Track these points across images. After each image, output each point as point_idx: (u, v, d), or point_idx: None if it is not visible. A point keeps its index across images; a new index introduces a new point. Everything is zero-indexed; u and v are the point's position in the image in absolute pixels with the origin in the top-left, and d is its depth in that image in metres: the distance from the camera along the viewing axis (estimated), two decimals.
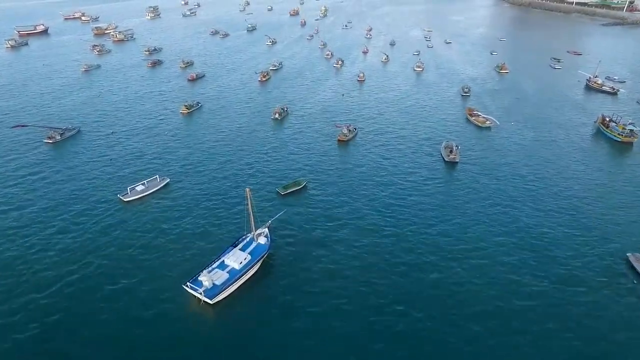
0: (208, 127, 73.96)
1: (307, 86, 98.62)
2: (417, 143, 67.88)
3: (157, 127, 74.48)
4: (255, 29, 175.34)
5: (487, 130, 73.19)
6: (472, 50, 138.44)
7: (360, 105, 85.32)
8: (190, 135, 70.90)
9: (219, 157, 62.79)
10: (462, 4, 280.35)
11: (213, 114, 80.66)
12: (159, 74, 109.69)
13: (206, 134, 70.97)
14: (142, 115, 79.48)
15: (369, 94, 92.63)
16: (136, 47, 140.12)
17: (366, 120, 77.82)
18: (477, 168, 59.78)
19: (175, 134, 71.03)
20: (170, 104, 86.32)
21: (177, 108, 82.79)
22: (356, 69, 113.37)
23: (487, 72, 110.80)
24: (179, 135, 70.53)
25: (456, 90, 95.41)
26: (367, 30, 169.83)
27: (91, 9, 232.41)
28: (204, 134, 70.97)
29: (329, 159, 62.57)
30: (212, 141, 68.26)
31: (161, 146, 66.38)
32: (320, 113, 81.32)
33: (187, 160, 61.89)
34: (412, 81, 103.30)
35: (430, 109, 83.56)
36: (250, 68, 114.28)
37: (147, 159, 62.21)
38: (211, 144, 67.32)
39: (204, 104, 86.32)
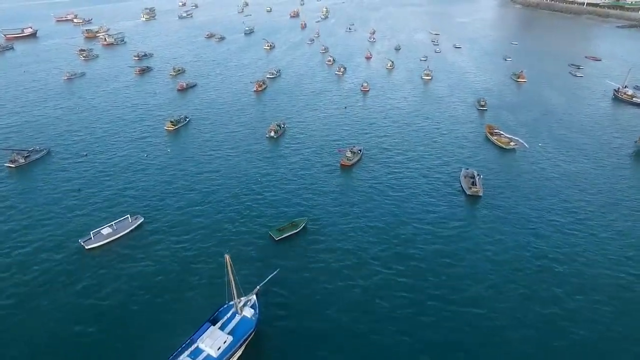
0: (194, 149, 64.60)
1: (307, 97, 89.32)
2: (432, 169, 58.61)
3: (137, 147, 65.26)
4: (253, 31, 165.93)
5: (511, 153, 63.86)
6: (484, 56, 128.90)
7: (364, 121, 76.00)
8: (172, 158, 61.61)
9: (204, 188, 53.46)
10: (467, 5, 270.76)
11: (201, 131, 71.42)
12: (147, 82, 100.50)
13: (191, 158, 61.56)
14: (121, 133, 70.24)
15: (373, 107, 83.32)
16: (126, 52, 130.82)
17: (372, 139, 68.56)
18: (505, 204, 50.34)
19: (156, 157, 61.77)
20: (155, 118, 77.12)
21: (162, 123, 73.71)
22: (359, 77, 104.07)
23: (502, 82, 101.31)
24: (160, 159, 61.22)
25: (470, 103, 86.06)
26: (371, 34, 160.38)
27: (84, 10, 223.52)
28: (188, 158, 61.55)
29: (331, 190, 53.31)
30: (197, 167, 58.92)
31: (138, 173, 57.11)
32: (321, 129, 72.07)
33: (166, 192, 52.58)
34: (421, 92, 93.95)
35: (443, 125, 74.20)
36: (245, 76, 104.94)
37: (120, 190, 52.94)
38: (196, 171, 57.93)
39: (192, 118, 77.09)
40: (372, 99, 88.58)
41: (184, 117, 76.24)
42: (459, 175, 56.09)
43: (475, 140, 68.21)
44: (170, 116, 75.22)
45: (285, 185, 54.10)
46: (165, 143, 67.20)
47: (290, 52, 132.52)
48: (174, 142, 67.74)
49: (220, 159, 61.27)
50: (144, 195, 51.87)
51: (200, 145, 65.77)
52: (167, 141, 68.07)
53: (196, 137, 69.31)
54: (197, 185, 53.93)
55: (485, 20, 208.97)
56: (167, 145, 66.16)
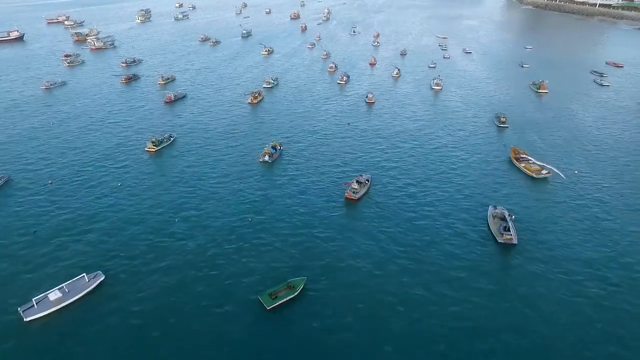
0: (174, 179, 55.10)
1: (306, 111, 79.95)
2: (452, 205, 49.24)
3: (111, 174, 56.09)
4: (250, 34, 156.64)
5: (543, 183, 54.50)
6: (497, 62, 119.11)
7: (370, 140, 66.58)
8: (147, 191, 52.08)
9: (178, 235, 44.03)
10: (472, 6, 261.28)
11: (186, 154, 62.17)
12: (132, 93, 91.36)
13: (170, 191, 52.05)
14: (95, 157, 60.96)
15: (380, 124, 73.93)
16: (115, 57, 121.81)
17: (379, 163, 59.29)
18: (544, 256, 41.13)
19: (130, 191, 52.45)
20: (136, 137, 67.93)
21: (143, 144, 64.57)
22: (364, 87, 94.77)
23: (522, 93, 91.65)
24: (133, 193, 51.70)
25: (488, 119, 76.63)
26: (374, 37, 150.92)
27: (78, 12, 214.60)
28: (167, 191, 51.94)
29: (334, 235, 43.96)
30: (176, 204, 49.47)
31: (107, 211, 47.83)
32: (321, 152, 62.63)
33: (137, 238, 43.10)
34: (432, 105, 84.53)
35: (460, 147, 64.80)
36: (240, 85, 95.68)
37: (82, 235, 43.65)
38: (172, 210, 48.31)
39: (178, 137, 67.93)
40: (378, 113, 79.22)
41: (168, 136, 67.04)
42: (485, 215, 46.89)
43: (499, 167, 58.81)
44: (152, 135, 66.10)
45: (280, 229, 44.73)
46: (144, 168, 58.00)
47: (289, 58, 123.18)
48: (153, 167, 58.52)
49: (205, 192, 51.84)
50: (108, 242, 42.64)
51: (182, 173, 56.40)
52: (146, 166, 58.87)
53: (179, 161, 60.02)
54: (173, 229, 44.67)
55: (494, 22, 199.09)
56: (146, 170, 56.96)
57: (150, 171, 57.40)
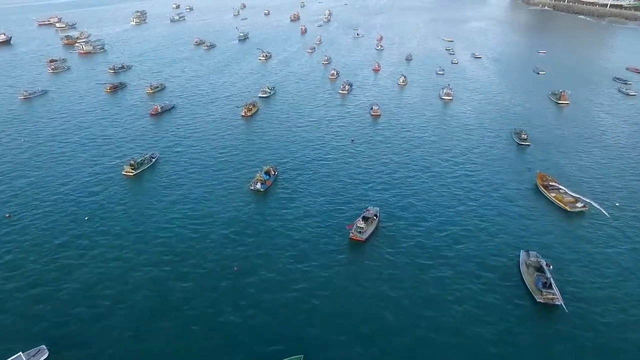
0: (151, 212, 46.91)
1: (305, 126, 71.90)
2: (474, 248, 41.09)
3: (81, 206, 48.18)
4: (247, 37, 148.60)
5: (579, 219, 46.50)
6: (510, 68, 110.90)
7: (376, 162, 58.52)
8: (116, 226, 44.16)
9: (153, 292, 35.99)
10: (476, 7, 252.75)
11: (167, 181, 54.01)
12: (117, 103, 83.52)
13: (146, 230, 43.92)
14: (65, 184, 52.95)
15: (387, 140, 65.94)
16: (104, 62, 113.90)
17: (388, 190, 51.48)
18: (597, 324, 33.03)
19: (97, 228, 44.46)
20: (115, 157, 60.07)
21: (121, 166, 56.68)
22: (368, 97, 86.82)
23: (540, 104, 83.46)
24: (100, 231, 43.38)
25: (506, 135, 68.59)
26: (378, 40, 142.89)
27: (71, 14, 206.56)
28: (142, 231, 43.76)
29: (336, 292, 35.93)
30: (150, 251, 41.12)
31: (59, 260, 39.76)
32: (321, 177, 54.73)
33: (91, 302, 35.36)
34: (442, 118, 76.50)
35: (479, 171, 56.73)
36: (234, 94, 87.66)
37: (34, 301, 35.97)
38: (143, 259, 39.97)
39: (161, 157, 60.13)
40: (385, 128, 71.22)
41: (150, 157, 59.10)
42: (517, 262, 39.07)
43: (525, 197, 50.81)
44: (131, 156, 58.18)
45: (270, 285, 36.82)
46: (118, 197, 50.16)
47: (288, 64, 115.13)
48: (129, 196, 50.64)
49: (185, 231, 43.82)
50: (57, 305, 34.75)
51: (160, 207, 48.35)
52: (122, 193, 50.97)
53: (160, 189, 52.06)
54: (141, 285, 36.88)
55: (501, 24, 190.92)
56: (120, 200, 49.20)
57: (125, 201, 49.47)
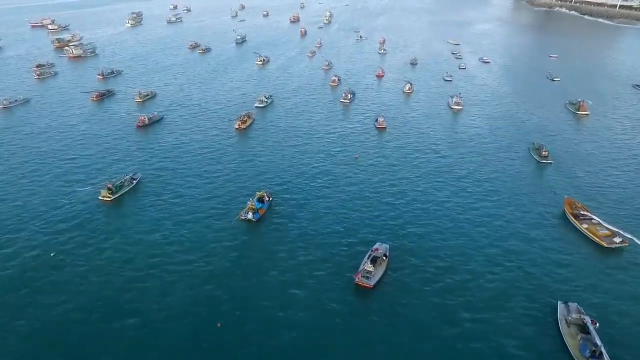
0: (125, 247, 40.34)
1: (304, 141, 65.28)
2: (501, 298, 34.58)
3: (44, 239, 41.84)
4: (245, 40, 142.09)
5: (618, 257, 39.91)
6: (522, 75, 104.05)
7: (383, 186, 51.83)
8: (82, 265, 37.82)
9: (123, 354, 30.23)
10: (479, 8, 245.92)
11: (147, 208, 47.22)
12: (102, 114, 77.13)
13: (119, 271, 37.60)
14: (32, 212, 46.74)
15: (394, 157, 59.37)
16: (93, 67, 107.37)
17: (398, 218, 45.05)
18: None
19: (68, 264, 38.49)
20: (92, 179, 53.52)
21: (99, 190, 50.20)
22: (372, 107, 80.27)
23: (558, 115, 76.60)
24: (63, 280, 37.50)
25: (524, 151, 61.96)
26: (380, 43, 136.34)
27: (66, 15, 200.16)
28: (113, 272, 37.39)
29: (341, 351, 30.13)
30: (123, 302, 34.76)
31: (17, 313, 33.79)
32: (322, 205, 48.05)
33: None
34: (453, 130, 69.85)
35: (497, 195, 49.98)
36: (228, 104, 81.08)
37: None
38: (112, 309, 33.86)
39: (143, 178, 53.76)
40: (391, 142, 64.69)
41: (130, 179, 52.62)
42: (554, 317, 32.73)
43: (552, 228, 44.21)
44: (109, 179, 51.76)
45: (260, 347, 30.72)
46: (91, 227, 43.78)
47: (286, 69, 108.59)
48: (103, 226, 44.18)
49: (162, 276, 37.24)
50: None
51: (136, 241, 41.63)
52: (96, 223, 44.52)
53: (137, 220, 45.37)
54: (99, 343, 30.65)
55: (507, 26, 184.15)
56: (92, 233, 42.84)
57: (97, 234, 42.98)
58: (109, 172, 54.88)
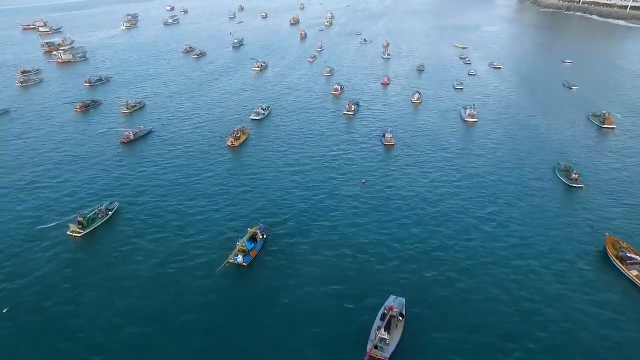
0: (93, 293, 33.94)
1: (304, 162, 58.10)
2: None
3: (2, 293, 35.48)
4: (242, 44, 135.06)
5: None
6: (536, 82, 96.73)
7: (395, 217, 45.08)
8: (35, 324, 31.49)
9: None
10: (482, 9, 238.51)
11: (121, 248, 40.59)
12: (85, 128, 70.20)
13: (80, 332, 31.20)
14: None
15: (405, 182, 52.41)
16: (81, 74, 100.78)
17: (409, 265, 38.25)
18: None
19: (20, 325, 31.72)
20: (64, 210, 46.77)
21: (69, 221, 43.51)
22: (377, 119, 73.28)
23: (581, 130, 69.01)
24: (17, 338, 30.97)
25: (549, 172, 54.82)
26: (384, 47, 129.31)
27: (59, 17, 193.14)
28: (74, 334, 31.12)
29: None
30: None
31: None
32: (325, 239, 41.60)
33: None
34: (469, 147, 62.76)
35: (526, 234, 43.14)
36: (220, 117, 74.14)
37: None
38: None
39: (120, 207, 46.93)
40: (401, 163, 57.56)
41: (105, 210, 45.68)
42: None
43: (594, 271, 37.54)
44: (80, 211, 44.91)
45: None
46: (56, 272, 37.10)
47: (285, 75, 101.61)
48: (70, 270, 37.35)
49: (129, 343, 30.86)
50: None
51: (105, 286, 35.21)
52: (62, 266, 37.76)
53: (110, 261, 38.73)
54: None
55: (513, 28, 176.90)
56: (54, 281, 36.03)
57: (60, 282, 36.18)
58: (83, 200, 48.17)
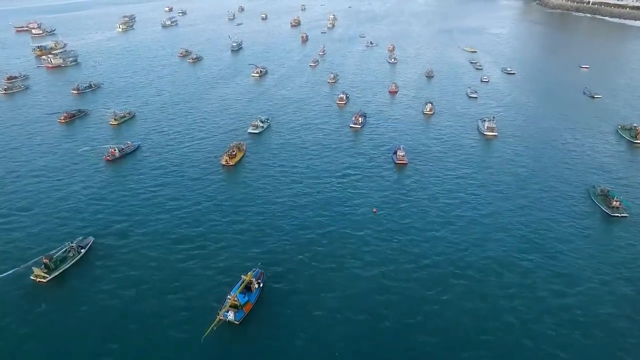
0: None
1: (306, 186, 51.04)
2: None
3: None
4: (241, 47, 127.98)
5: None
6: (554, 89, 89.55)
7: (414, 259, 38.30)
8: None
9: None
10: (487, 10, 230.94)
11: (93, 296, 34.03)
12: (67, 142, 63.20)
13: None
14: None
15: (423, 211, 45.28)
16: (72, 80, 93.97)
17: (439, 334, 31.72)
18: None
19: None
20: (28, 249, 40.16)
21: (33, 264, 36.79)
22: (387, 132, 66.44)
23: (611, 146, 61.59)
24: None
25: (584, 197, 47.89)
26: (390, 51, 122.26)
27: (52, 19, 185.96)
28: None
29: None
30: None
31: None
32: (332, 289, 34.83)
33: None
34: (491, 166, 55.67)
35: (567, 273, 36.49)
36: (215, 132, 66.99)
37: None
38: None
39: (96, 242, 40.19)
40: (416, 184, 50.61)
41: (77, 247, 38.88)
42: None
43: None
44: (50, 249, 38.11)
45: None
46: (13, 333, 30.64)
47: (286, 82, 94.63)
48: (27, 327, 31.01)
49: None
50: None
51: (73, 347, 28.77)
52: (20, 322, 31.41)
53: (78, 319, 32.12)
54: None
55: (521, 30, 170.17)
56: (10, 345, 29.64)
57: (18, 342, 29.79)
58: (55, 236, 41.40)
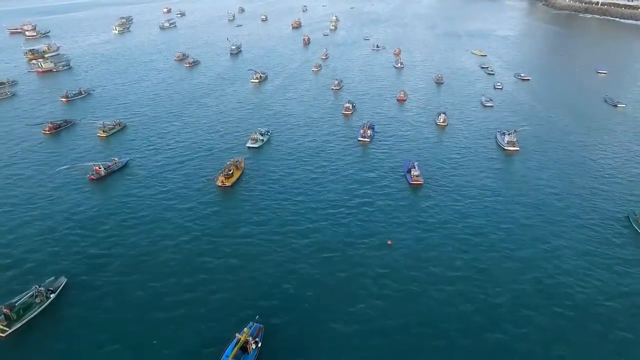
0: None
1: (310, 215, 45.04)
2: None
3: None
4: (240, 51, 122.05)
5: None
6: (571, 96, 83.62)
7: (436, 304, 32.42)
8: None
9: None
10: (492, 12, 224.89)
11: (67, 352, 28.90)
12: (51, 157, 57.40)
13: None
14: None
15: (441, 242, 39.66)
16: (62, 85, 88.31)
17: None
18: None
19: None
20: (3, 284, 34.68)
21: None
22: (397, 146, 60.62)
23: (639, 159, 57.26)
24: None
25: (621, 223, 42.31)
26: (396, 54, 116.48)
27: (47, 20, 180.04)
28: None
29: None
30: None
31: None
32: (341, 338, 29.41)
33: None
34: (513, 187, 49.71)
35: (609, 320, 31.23)
36: (211, 147, 61.16)
37: None
38: None
39: (69, 282, 34.37)
40: (434, 210, 44.66)
41: (45, 291, 32.91)
42: None
43: None
44: (13, 297, 32.41)
45: None
46: None
47: (287, 89, 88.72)
48: None
49: None
50: None
51: None
52: None
53: None
54: None
55: (531, 31, 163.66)
56: None
57: None
58: (19, 277, 35.67)
